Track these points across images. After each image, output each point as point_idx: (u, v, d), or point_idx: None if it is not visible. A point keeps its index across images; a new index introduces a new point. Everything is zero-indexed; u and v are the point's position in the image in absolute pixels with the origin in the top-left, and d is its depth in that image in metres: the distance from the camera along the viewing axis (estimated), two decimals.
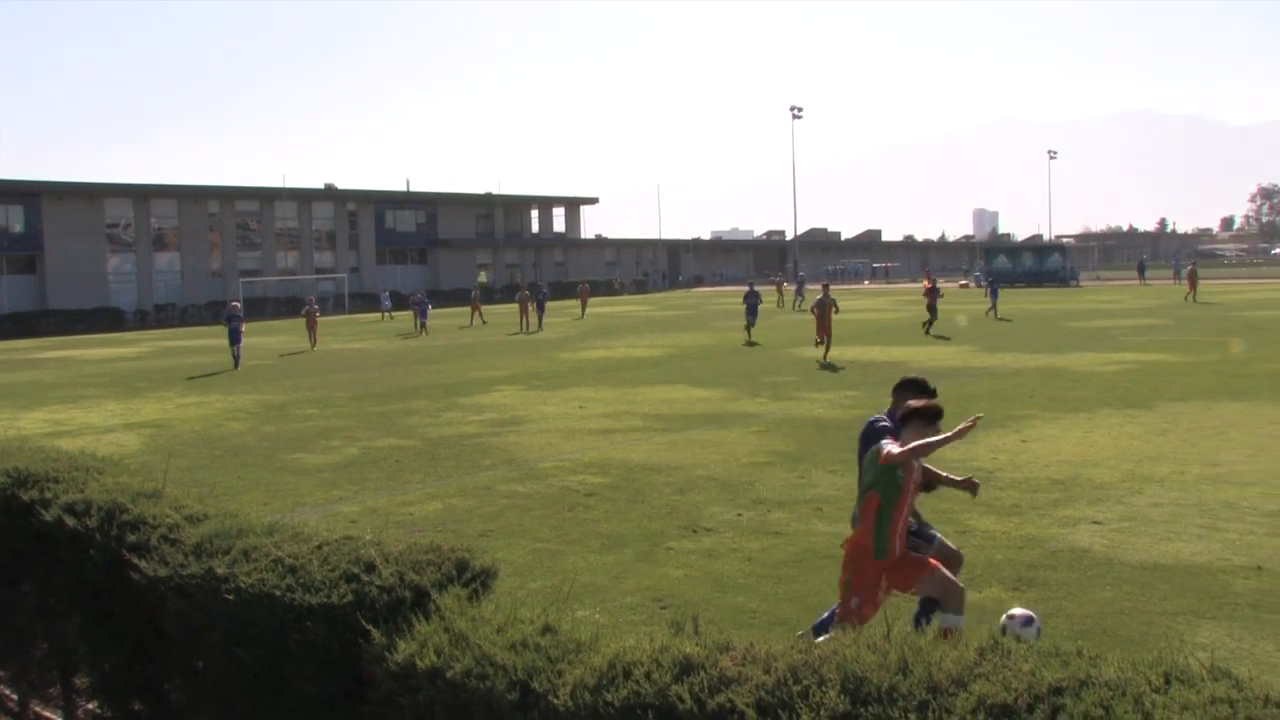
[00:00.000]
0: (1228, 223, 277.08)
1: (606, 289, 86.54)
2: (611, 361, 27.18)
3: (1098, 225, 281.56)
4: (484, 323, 45.74)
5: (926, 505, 9.88)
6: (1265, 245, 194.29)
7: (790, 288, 60.91)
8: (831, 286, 28.86)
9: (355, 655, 3.88)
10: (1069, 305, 38.59)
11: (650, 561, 8.53)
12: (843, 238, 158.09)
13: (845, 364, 23.86)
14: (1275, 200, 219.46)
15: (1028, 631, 6.00)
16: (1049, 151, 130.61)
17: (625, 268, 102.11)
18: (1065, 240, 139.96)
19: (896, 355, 25.92)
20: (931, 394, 6.06)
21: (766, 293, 61.18)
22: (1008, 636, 6.34)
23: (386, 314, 57.34)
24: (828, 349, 25.34)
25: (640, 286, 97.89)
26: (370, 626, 3.89)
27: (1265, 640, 6.24)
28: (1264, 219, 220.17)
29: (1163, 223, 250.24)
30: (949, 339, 30.00)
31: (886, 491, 5.51)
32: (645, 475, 11.98)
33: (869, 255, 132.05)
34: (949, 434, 5.35)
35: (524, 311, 42.48)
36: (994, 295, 40.94)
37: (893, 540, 5.56)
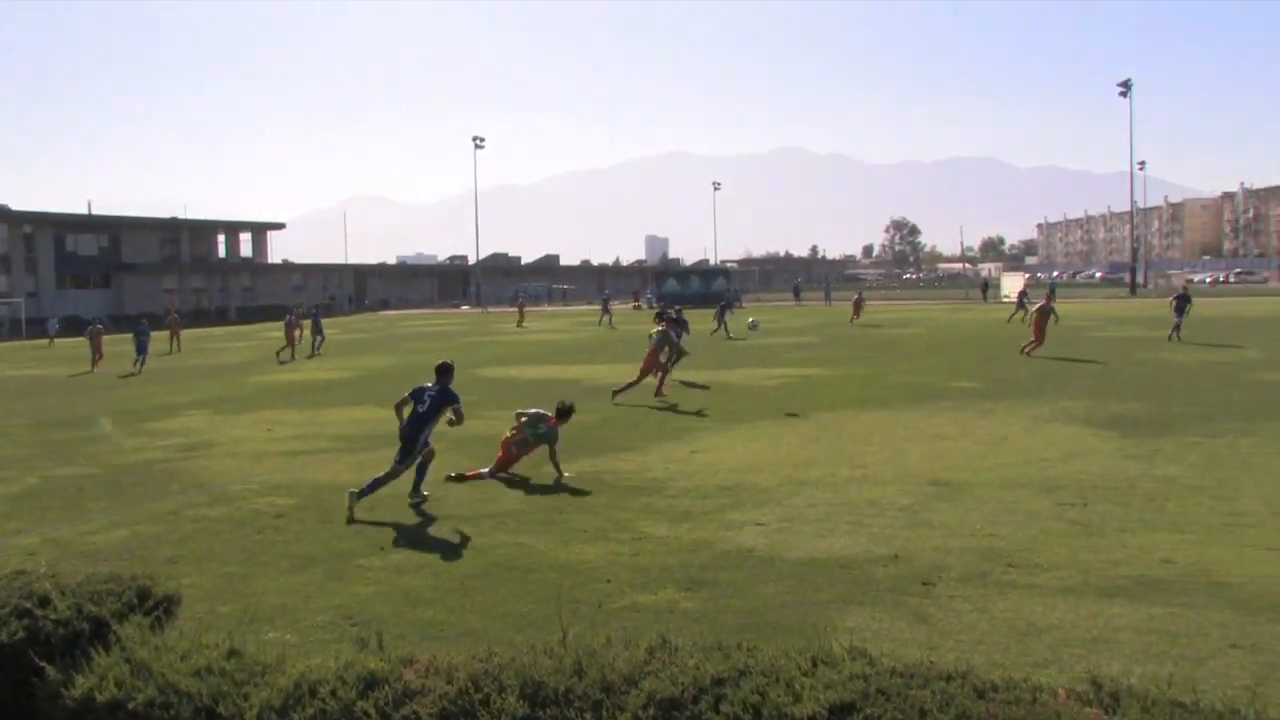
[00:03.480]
0: (868, 250, 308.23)
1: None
2: (299, 384, 26.19)
3: (758, 251, 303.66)
4: (179, 350, 42.22)
5: (606, 516, 10.41)
6: (898, 270, 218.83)
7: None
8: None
9: (30, 694, 3.65)
10: (733, 325, 41.35)
11: (340, 580, 8.41)
12: (523, 262, 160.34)
13: (525, 383, 24.33)
14: (904, 231, 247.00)
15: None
16: (714, 183, 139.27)
17: (312, 292, 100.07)
18: (729, 265, 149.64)
19: (573, 374, 26.73)
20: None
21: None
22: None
23: (51, 340, 54.09)
24: None
25: (327, 310, 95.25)
26: (44, 663, 3.68)
27: (900, 619, 7.12)
28: (896, 248, 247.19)
29: (814, 249, 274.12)
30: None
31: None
32: (334, 495, 11.71)
33: (549, 278, 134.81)
34: None
35: (290, 339, 36.53)
36: (720, 317, 41.17)
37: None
